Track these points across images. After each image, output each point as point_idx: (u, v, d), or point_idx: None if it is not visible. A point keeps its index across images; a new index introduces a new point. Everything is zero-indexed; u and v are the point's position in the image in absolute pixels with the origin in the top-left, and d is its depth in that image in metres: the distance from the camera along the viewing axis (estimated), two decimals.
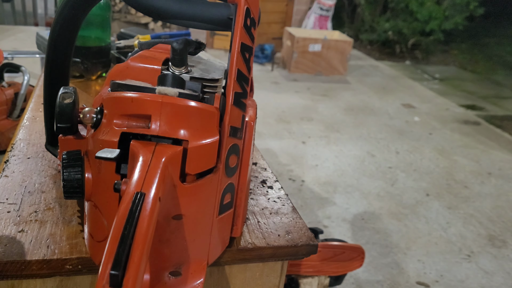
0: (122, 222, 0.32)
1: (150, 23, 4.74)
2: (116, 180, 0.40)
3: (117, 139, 0.40)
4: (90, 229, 0.45)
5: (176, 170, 0.40)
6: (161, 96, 0.40)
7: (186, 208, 0.42)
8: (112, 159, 0.39)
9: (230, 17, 0.49)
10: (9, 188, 0.58)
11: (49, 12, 3.72)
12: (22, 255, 0.47)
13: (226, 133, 0.44)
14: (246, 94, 0.47)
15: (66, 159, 0.44)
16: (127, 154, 0.40)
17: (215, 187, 0.44)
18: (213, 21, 0.50)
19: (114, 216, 0.41)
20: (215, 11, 0.49)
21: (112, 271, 0.29)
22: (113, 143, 0.40)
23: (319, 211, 2.18)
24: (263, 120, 3.21)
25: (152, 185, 0.35)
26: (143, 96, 0.40)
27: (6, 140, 2.12)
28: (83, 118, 0.43)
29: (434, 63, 5.42)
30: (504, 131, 3.46)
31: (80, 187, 0.43)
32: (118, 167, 0.41)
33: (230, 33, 0.47)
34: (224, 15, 0.49)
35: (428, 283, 1.78)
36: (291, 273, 0.99)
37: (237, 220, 0.52)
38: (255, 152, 0.77)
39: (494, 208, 2.38)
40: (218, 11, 0.49)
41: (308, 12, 5.08)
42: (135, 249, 0.31)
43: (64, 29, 0.55)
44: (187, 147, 0.40)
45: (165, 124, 0.40)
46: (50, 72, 0.58)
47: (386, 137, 3.15)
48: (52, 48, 0.56)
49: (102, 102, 0.43)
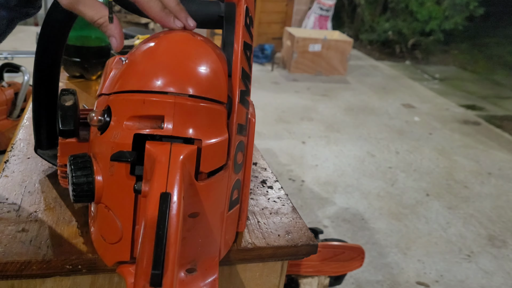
0: (153, 222, 0.33)
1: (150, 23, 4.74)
2: (131, 181, 0.40)
3: (131, 141, 0.40)
4: (101, 232, 0.45)
5: (192, 169, 0.40)
6: (173, 96, 0.40)
7: (201, 205, 0.42)
8: (130, 161, 0.39)
9: (221, 15, 0.49)
10: (9, 188, 0.58)
11: None
12: (22, 255, 0.47)
13: (234, 131, 0.45)
14: (249, 91, 0.48)
15: (74, 162, 0.43)
16: (139, 155, 0.40)
17: (226, 183, 0.45)
18: (203, 20, 0.50)
19: (129, 217, 0.42)
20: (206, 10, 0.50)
21: (154, 271, 0.31)
22: (127, 145, 0.40)
23: (319, 211, 2.18)
24: (263, 120, 3.21)
25: (175, 185, 0.36)
26: (155, 97, 0.40)
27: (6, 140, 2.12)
28: (90, 120, 0.42)
29: (434, 63, 5.42)
30: (504, 131, 3.46)
31: (90, 191, 0.42)
32: (133, 169, 0.41)
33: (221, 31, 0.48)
34: (215, 13, 0.49)
35: (428, 283, 1.78)
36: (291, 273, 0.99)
37: (242, 215, 0.53)
38: (255, 152, 0.77)
39: (494, 208, 2.38)
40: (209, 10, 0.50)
41: (308, 12, 5.08)
42: (170, 249, 0.32)
43: (52, 33, 0.55)
44: (200, 146, 0.41)
45: (178, 124, 0.40)
46: (40, 77, 0.58)
47: (386, 137, 3.15)
48: (40, 52, 0.56)
49: (109, 103, 0.43)
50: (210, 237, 0.45)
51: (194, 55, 0.44)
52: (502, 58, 5.62)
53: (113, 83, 0.44)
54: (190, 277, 0.44)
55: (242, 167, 0.49)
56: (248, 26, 0.47)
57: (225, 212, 0.46)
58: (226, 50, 0.48)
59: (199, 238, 0.44)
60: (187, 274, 0.44)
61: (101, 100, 0.45)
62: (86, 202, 0.44)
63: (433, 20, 5.27)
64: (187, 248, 0.43)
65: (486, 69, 5.28)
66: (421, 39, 5.52)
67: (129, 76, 0.43)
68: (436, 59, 5.57)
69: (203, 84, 0.42)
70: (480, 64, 5.43)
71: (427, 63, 5.40)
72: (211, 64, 0.44)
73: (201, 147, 0.41)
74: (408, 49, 5.55)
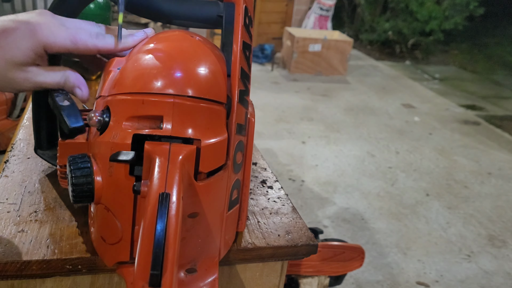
0: (152, 223, 0.33)
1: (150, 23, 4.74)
2: (130, 182, 0.40)
3: (130, 141, 0.40)
4: (101, 233, 0.45)
5: (191, 169, 0.40)
6: (172, 96, 0.40)
7: (201, 205, 0.42)
8: (129, 161, 0.39)
9: (220, 15, 0.49)
10: (9, 188, 0.58)
11: None
12: (22, 255, 0.47)
13: (234, 131, 0.45)
14: (248, 91, 0.48)
15: (73, 163, 0.43)
16: (139, 155, 0.40)
17: (225, 183, 0.45)
18: (202, 20, 0.50)
19: (128, 218, 0.42)
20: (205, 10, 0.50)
21: (153, 271, 0.31)
22: (126, 145, 0.40)
23: (319, 211, 2.18)
24: (263, 120, 3.21)
25: (174, 185, 0.36)
26: (154, 97, 0.40)
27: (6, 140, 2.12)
28: (89, 121, 0.42)
29: (434, 63, 5.42)
30: (504, 131, 3.46)
31: (90, 191, 0.42)
32: (132, 169, 0.41)
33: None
34: (214, 13, 0.50)
35: (428, 283, 1.78)
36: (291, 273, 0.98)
37: (242, 215, 0.53)
38: (255, 152, 0.77)
39: (494, 208, 2.38)
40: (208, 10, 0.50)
41: (308, 12, 5.08)
42: (169, 249, 0.32)
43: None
44: (199, 146, 0.41)
45: (177, 124, 0.40)
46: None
47: (386, 137, 3.15)
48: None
49: (108, 104, 0.43)
50: (210, 237, 0.45)
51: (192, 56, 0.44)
52: (502, 58, 5.62)
53: (112, 85, 0.44)
54: (190, 277, 0.44)
55: (242, 167, 0.49)
56: (247, 26, 0.47)
57: (225, 212, 0.46)
58: (225, 50, 0.48)
59: (198, 238, 0.44)
60: (187, 274, 0.44)
61: (100, 101, 0.45)
62: (86, 202, 0.44)
63: (433, 20, 5.27)
64: (186, 248, 0.43)
65: (486, 69, 5.28)
66: (421, 39, 5.52)
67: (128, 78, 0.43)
68: (436, 59, 5.57)
69: (202, 85, 0.42)
70: (480, 64, 5.43)
71: (427, 63, 5.40)
72: (209, 65, 0.44)
73: (200, 147, 0.41)
74: (408, 49, 5.55)
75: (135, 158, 0.40)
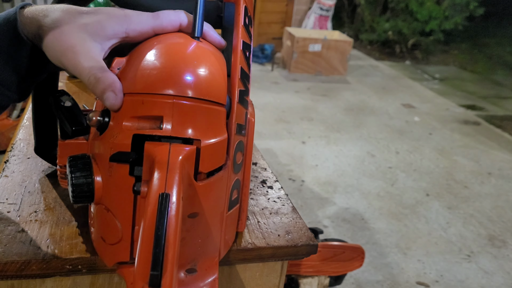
0: (152, 223, 0.33)
1: None
2: (130, 182, 0.40)
3: (130, 142, 0.40)
4: (101, 233, 0.45)
5: (191, 169, 0.40)
6: (172, 97, 0.40)
7: (201, 206, 0.42)
8: (129, 161, 0.39)
9: (220, 15, 0.49)
10: (9, 188, 0.58)
11: None
12: (22, 255, 0.47)
13: (233, 131, 0.45)
14: (248, 91, 0.48)
15: (73, 163, 0.43)
16: (139, 155, 0.40)
17: (225, 183, 0.45)
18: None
19: (128, 218, 0.42)
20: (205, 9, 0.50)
21: (153, 271, 0.31)
22: (126, 145, 0.40)
23: (319, 211, 2.18)
24: (263, 120, 3.22)
25: (174, 185, 0.36)
26: (154, 98, 0.40)
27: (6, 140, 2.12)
28: (89, 121, 0.42)
29: (434, 63, 5.42)
30: (504, 131, 3.46)
31: (90, 191, 0.42)
32: (132, 169, 0.41)
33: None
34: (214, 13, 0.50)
35: (428, 283, 1.78)
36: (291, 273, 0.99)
37: (242, 215, 0.53)
38: (255, 152, 0.77)
39: (494, 208, 2.38)
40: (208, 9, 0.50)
41: (308, 12, 5.08)
42: (169, 249, 0.32)
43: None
44: (199, 146, 0.41)
45: (177, 124, 0.40)
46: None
47: (386, 137, 3.15)
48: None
49: None
50: (210, 237, 0.45)
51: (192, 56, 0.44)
52: (502, 58, 5.62)
53: None
54: (190, 277, 0.44)
55: (242, 167, 0.49)
56: (247, 26, 0.48)
57: (225, 212, 0.47)
58: (225, 50, 0.48)
59: (198, 239, 0.44)
60: (187, 274, 0.44)
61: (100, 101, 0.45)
62: (86, 203, 0.44)
63: (433, 20, 5.27)
64: (186, 248, 0.43)
65: (486, 69, 5.28)
66: (421, 39, 5.52)
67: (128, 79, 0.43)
68: (436, 59, 5.57)
69: (202, 85, 0.42)
70: (480, 64, 5.43)
71: (427, 63, 5.40)
72: (209, 65, 0.44)
73: (200, 147, 0.41)
74: (408, 49, 5.55)
75: (135, 158, 0.40)
